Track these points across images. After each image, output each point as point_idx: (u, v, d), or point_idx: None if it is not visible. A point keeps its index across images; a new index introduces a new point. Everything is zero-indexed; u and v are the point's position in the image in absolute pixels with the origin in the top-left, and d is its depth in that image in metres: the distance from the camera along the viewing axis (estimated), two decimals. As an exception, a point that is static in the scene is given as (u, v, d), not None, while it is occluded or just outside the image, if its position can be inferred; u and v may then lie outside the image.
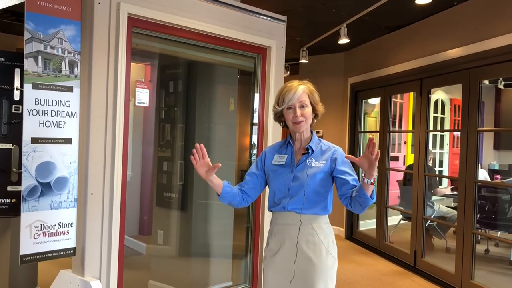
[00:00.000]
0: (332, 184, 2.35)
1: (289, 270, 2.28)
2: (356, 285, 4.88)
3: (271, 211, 2.41)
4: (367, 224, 7.05)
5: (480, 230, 5.89)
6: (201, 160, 2.22)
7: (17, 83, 3.48)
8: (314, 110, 2.34)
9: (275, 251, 2.34)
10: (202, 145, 2.23)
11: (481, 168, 7.35)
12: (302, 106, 2.28)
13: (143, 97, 3.22)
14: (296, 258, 2.27)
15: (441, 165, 9.51)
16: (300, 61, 6.57)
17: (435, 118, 9.00)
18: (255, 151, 3.94)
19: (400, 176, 7.21)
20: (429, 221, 5.89)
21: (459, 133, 4.94)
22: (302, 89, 2.29)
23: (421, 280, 5.16)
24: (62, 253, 2.85)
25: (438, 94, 9.06)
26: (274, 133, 3.83)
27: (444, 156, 9.61)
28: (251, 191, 2.43)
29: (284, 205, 2.30)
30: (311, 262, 2.25)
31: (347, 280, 5.04)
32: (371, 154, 2.01)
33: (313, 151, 2.33)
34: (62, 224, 2.82)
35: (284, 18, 3.93)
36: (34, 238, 2.71)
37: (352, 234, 7.12)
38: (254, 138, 3.93)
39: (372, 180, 2.08)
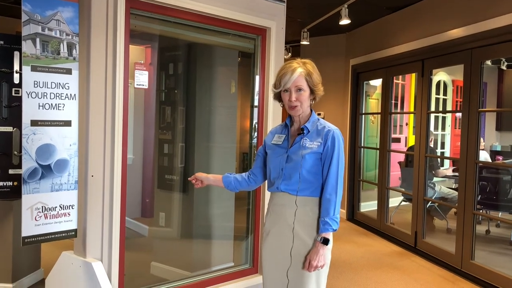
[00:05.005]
0: None
1: (285, 256, 2.28)
2: (357, 266, 4.92)
3: (269, 191, 2.42)
4: (368, 206, 7.08)
5: (481, 211, 5.91)
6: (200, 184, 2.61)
7: (16, 66, 3.47)
8: (312, 92, 2.29)
9: (268, 232, 2.37)
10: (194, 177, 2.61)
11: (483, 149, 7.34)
12: (299, 90, 2.25)
13: (142, 79, 3.21)
14: (293, 244, 2.26)
15: (442, 146, 9.49)
16: (301, 42, 6.52)
17: (437, 100, 8.94)
18: (256, 133, 3.94)
19: (402, 157, 7.22)
20: (430, 202, 5.91)
21: (460, 114, 4.92)
22: (299, 72, 2.24)
23: (421, 260, 5.19)
24: (63, 234, 2.88)
25: (440, 75, 8.99)
26: (274, 115, 3.82)
27: (446, 137, 9.57)
28: (257, 170, 2.53)
29: (278, 185, 2.31)
30: (306, 244, 2.25)
31: (347, 260, 5.08)
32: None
33: (308, 131, 2.30)
34: (63, 206, 2.84)
35: (284, -2, 3.89)
36: (36, 220, 2.73)
37: (353, 215, 7.16)
38: (255, 121, 3.93)
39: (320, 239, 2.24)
